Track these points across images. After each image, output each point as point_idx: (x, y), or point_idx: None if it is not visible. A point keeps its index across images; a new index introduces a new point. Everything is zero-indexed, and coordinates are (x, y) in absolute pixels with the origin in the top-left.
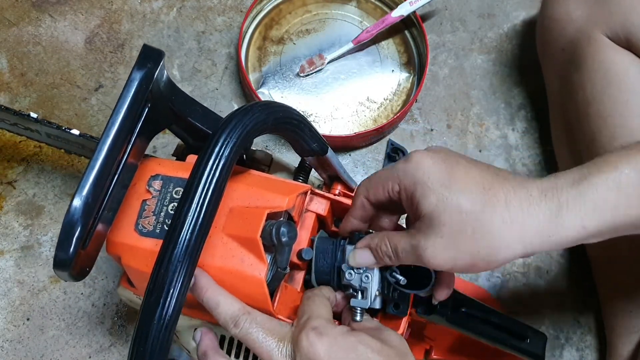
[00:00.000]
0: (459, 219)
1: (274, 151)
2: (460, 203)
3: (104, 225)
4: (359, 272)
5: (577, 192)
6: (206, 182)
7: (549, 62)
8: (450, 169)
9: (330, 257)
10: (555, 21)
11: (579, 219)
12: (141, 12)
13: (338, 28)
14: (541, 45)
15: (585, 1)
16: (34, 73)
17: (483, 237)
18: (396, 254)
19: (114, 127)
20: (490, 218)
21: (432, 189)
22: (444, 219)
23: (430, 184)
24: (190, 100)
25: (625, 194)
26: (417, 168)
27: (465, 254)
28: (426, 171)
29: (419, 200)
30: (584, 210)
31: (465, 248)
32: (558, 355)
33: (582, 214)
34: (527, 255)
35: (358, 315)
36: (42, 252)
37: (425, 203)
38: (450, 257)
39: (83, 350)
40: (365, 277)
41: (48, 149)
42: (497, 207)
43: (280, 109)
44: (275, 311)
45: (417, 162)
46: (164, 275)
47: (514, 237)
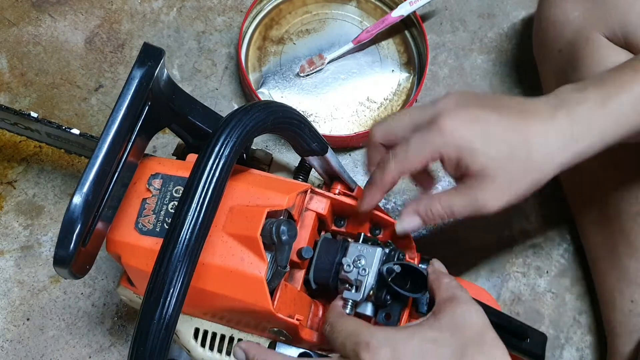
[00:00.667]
0: (509, 166)
1: (274, 151)
2: (505, 153)
3: (104, 223)
4: (356, 266)
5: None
6: (206, 181)
7: (546, 64)
8: (484, 127)
9: (332, 255)
10: (552, 23)
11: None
12: (141, 12)
13: (338, 28)
14: (538, 47)
15: (582, 2)
16: (34, 73)
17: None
18: (451, 212)
19: (114, 125)
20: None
21: (478, 151)
22: (496, 171)
23: (474, 146)
24: (190, 99)
25: None
26: (456, 136)
27: (521, 189)
28: (466, 138)
29: (468, 163)
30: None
31: (521, 185)
32: (558, 355)
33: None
34: (572, 165)
35: (348, 308)
36: (42, 252)
37: (475, 164)
38: (508, 199)
39: (83, 350)
40: (362, 270)
41: (48, 149)
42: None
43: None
44: (275, 310)
45: (454, 131)
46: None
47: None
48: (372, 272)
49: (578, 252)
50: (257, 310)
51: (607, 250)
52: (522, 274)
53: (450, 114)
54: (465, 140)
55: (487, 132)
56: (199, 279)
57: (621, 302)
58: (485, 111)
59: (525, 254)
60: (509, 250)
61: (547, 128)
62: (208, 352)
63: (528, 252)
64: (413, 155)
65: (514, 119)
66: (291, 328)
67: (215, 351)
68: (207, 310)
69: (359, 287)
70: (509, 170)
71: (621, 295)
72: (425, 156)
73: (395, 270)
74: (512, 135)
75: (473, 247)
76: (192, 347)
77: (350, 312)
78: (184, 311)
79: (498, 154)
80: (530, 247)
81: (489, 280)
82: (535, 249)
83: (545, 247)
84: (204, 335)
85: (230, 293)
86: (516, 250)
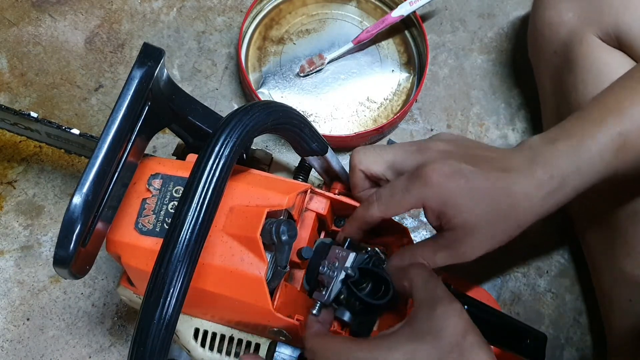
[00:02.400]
0: (491, 220)
1: (274, 151)
2: (488, 208)
3: (103, 223)
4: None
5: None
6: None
7: (541, 65)
8: (469, 182)
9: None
10: (547, 24)
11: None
12: (141, 12)
13: (338, 28)
14: (533, 48)
15: (576, 3)
16: (34, 73)
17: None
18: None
19: (114, 125)
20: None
21: (462, 206)
22: (478, 226)
23: (458, 201)
24: (190, 99)
25: None
26: (441, 189)
27: (502, 240)
28: (450, 191)
29: (450, 217)
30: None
31: (502, 237)
32: (558, 355)
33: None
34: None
35: (316, 309)
36: (42, 252)
37: (457, 218)
38: (488, 249)
39: (83, 350)
40: (332, 272)
41: (48, 149)
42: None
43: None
44: (275, 310)
45: (439, 184)
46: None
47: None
48: (340, 275)
49: (578, 252)
50: (257, 311)
51: (604, 250)
52: (522, 274)
53: (436, 166)
54: (449, 194)
55: (471, 188)
56: (199, 279)
57: (619, 302)
58: (468, 165)
59: (525, 254)
60: (509, 250)
61: (528, 182)
62: (208, 352)
63: (528, 252)
64: (397, 202)
65: (496, 173)
66: (291, 328)
67: (215, 351)
68: (207, 310)
69: (327, 288)
70: (491, 224)
71: (619, 294)
72: (409, 204)
73: (352, 275)
74: (495, 190)
75: None
76: (192, 347)
77: (317, 314)
78: (184, 311)
79: (481, 210)
80: (530, 247)
81: (489, 280)
82: (535, 249)
83: (545, 247)
84: (204, 335)
85: (230, 293)
86: (516, 250)
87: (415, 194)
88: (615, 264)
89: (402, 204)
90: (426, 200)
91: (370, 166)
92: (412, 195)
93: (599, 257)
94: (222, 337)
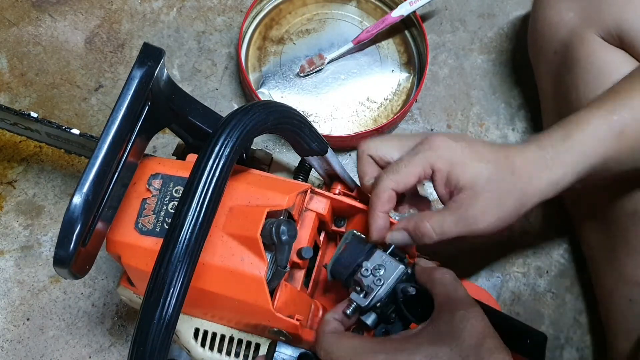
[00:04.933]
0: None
1: (274, 151)
2: (493, 170)
3: (104, 223)
4: (374, 274)
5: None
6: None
7: (541, 65)
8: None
9: (356, 255)
10: (547, 24)
11: None
12: (141, 12)
13: (338, 28)
14: (533, 48)
15: (577, 2)
16: (34, 73)
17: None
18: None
19: (114, 125)
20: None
21: (469, 164)
22: (485, 186)
23: (465, 160)
24: (190, 99)
25: None
26: (448, 150)
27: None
28: (457, 152)
29: (459, 175)
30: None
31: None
32: (558, 355)
33: None
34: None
35: (350, 309)
36: (42, 252)
37: (464, 177)
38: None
39: (83, 350)
40: (378, 280)
41: (48, 149)
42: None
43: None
44: (275, 310)
45: (446, 147)
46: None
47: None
48: (386, 285)
49: (578, 252)
50: (257, 311)
51: (605, 250)
52: (522, 274)
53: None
54: (456, 155)
55: (475, 151)
56: (199, 279)
57: (619, 301)
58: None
59: (525, 254)
60: (509, 250)
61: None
62: (208, 352)
63: (528, 252)
64: (406, 169)
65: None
66: (291, 328)
67: (215, 351)
68: (207, 310)
69: (368, 294)
70: (497, 186)
71: (619, 294)
72: (418, 170)
73: (410, 292)
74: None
75: (473, 247)
76: (192, 347)
77: (351, 314)
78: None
79: (486, 170)
80: (530, 247)
81: (489, 280)
82: (535, 249)
83: (545, 247)
84: (204, 335)
85: (230, 293)
86: (516, 250)
87: (423, 157)
88: (616, 264)
89: (412, 171)
90: (434, 162)
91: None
92: (421, 159)
93: (599, 257)
94: (222, 337)
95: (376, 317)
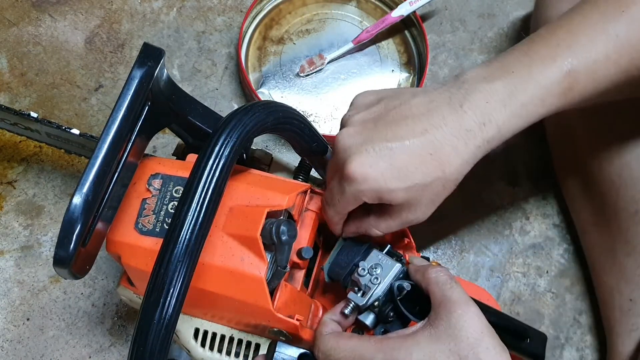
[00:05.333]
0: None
1: (274, 151)
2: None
3: (103, 223)
4: (371, 273)
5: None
6: (206, 182)
7: None
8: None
9: (352, 255)
10: None
11: None
12: (141, 12)
13: (338, 28)
14: None
15: None
16: (34, 73)
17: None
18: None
19: (114, 125)
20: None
21: (395, 190)
22: (418, 198)
23: (390, 186)
24: (190, 99)
25: None
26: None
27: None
28: (379, 180)
29: (389, 200)
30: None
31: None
32: (558, 355)
33: None
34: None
35: (348, 309)
36: (42, 252)
37: (395, 200)
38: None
39: (83, 350)
40: (375, 278)
41: (48, 149)
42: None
43: (280, 108)
44: (275, 310)
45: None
46: (164, 275)
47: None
48: (383, 283)
49: (578, 252)
50: (257, 311)
51: (606, 250)
52: (522, 274)
53: (356, 160)
54: (379, 183)
55: (397, 168)
56: (199, 279)
57: (620, 301)
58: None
59: (525, 254)
60: (509, 250)
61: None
62: (208, 352)
63: (528, 252)
64: (341, 205)
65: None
66: (291, 328)
67: (215, 351)
68: (207, 310)
69: (366, 293)
70: (430, 190)
71: (620, 294)
72: (352, 205)
73: (405, 288)
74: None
75: (473, 247)
76: (192, 347)
77: (349, 313)
78: (184, 311)
79: (414, 184)
80: (530, 247)
81: (489, 280)
82: (535, 249)
83: (545, 247)
84: (204, 335)
85: (230, 293)
86: (516, 250)
87: (350, 195)
88: (616, 264)
89: (346, 206)
90: (362, 196)
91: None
92: (349, 197)
93: (600, 256)
94: (222, 337)
95: (375, 316)
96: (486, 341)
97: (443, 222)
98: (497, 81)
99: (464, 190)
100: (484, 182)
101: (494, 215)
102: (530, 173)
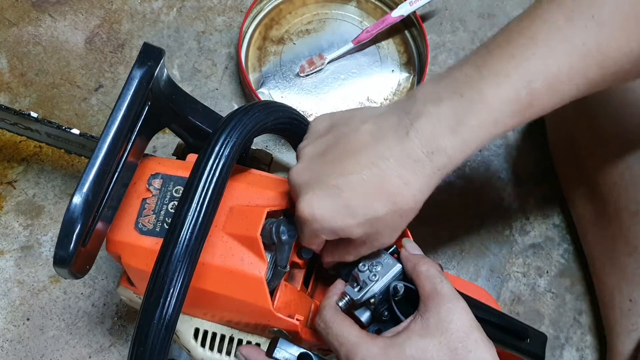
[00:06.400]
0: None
1: (274, 151)
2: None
3: (103, 223)
4: (370, 270)
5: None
6: (206, 182)
7: None
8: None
9: None
10: None
11: None
12: (141, 12)
13: (338, 28)
14: None
15: None
16: (34, 73)
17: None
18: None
19: (114, 125)
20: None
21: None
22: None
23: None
24: (190, 99)
25: None
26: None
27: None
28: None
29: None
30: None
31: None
32: (558, 355)
33: None
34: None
35: (343, 302)
36: (42, 252)
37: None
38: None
39: (83, 350)
40: (373, 275)
41: (48, 149)
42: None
43: (280, 108)
44: (275, 310)
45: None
46: (164, 275)
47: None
48: (381, 281)
49: (578, 252)
50: (257, 311)
51: (606, 250)
52: (522, 274)
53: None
54: (329, 222)
55: (346, 206)
56: (199, 279)
57: (620, 301)
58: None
59: (525, 254)
60: (509, 250)
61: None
62: (208, 352)
63: (528, 252)
64: (305, 242)
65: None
66: (291, 328)
67: (215, 351)
68: (207, 310)
69: (362, 288)
70: (385, 222)
71: (620, 294)
72: (312, 241)
73: (399, 290)
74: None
75: (473, 247)
76: (192, 347)
77: (343, 307)
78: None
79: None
80: (530, 247)
81: (489, 280)
82: (535, 249)
83: (545, 247)
84: (204, 335)
85: (230, 293)
86: (516, 250)
87: (310, 236)
88: (616, 264)
89: (310, 243)
90: (320, 235)
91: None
92: (311, 237)
93: (600, 256)
94: (222, 337)
95: (370, 314)
96: (475, 335)
97: (443, 222)
98: (445, 104)
99: (464, 190)
100: (484, 182)
101: (493, 215)
102: (530, 173)
